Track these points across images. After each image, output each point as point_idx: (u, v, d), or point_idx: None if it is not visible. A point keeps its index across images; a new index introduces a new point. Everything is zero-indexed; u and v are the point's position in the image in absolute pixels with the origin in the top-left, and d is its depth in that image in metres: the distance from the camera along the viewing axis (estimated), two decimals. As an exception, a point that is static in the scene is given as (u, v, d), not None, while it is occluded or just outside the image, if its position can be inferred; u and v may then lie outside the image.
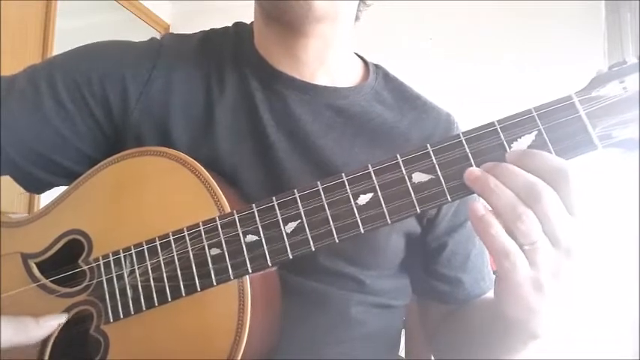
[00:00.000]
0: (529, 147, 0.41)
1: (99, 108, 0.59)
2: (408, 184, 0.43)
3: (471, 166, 0.42)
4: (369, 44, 0.93)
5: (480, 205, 0.41)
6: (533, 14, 2.40)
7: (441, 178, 0.42)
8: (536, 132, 0.41)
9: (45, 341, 0.50)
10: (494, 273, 0.70)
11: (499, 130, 0.42)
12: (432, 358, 0.90)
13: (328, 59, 0.63)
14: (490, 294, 0.66)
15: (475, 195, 0.42)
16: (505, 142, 0.41)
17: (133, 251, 0.50)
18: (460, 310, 0.66)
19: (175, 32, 0.71)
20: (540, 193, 0.39)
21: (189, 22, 2.94)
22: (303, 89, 0.61)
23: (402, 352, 0.86)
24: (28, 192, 0.67)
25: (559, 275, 0.40)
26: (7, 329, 0.46)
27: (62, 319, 0.50)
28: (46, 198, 0.59)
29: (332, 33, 0.61)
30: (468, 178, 0.42)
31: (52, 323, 0.49)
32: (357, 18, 0.66)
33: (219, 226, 0.47)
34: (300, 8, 0.54)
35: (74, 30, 2.40)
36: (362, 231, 0.44)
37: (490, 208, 0.41)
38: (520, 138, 0.41)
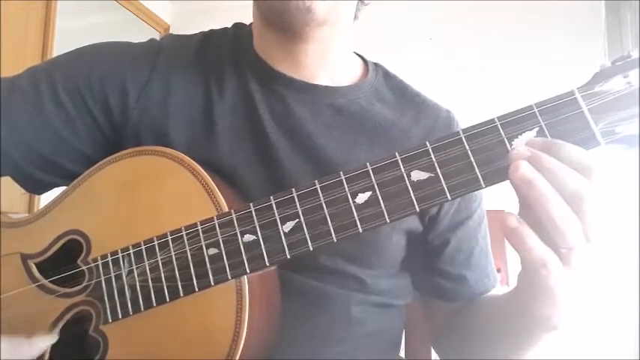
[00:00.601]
0: None
1: (99, 109, 0.60)
2: (407, 182, 0.43)
3: (471, 164, 0.41)
4: (370, 44, 0.93)
5: (513, 217, 0.39)
6: (533, 14, 2.39)
7: (441, 176, 0.42)
8: (537, 128, 0.40)
9: None
10: (498, 271, 0.69)
11: (499, 126, 0.41)
12: (433, 358, 0.90)
13: (328, 61, 0.63)
14: (495, 291, 0.66)
15: (479, 193, 0.42)
16: (506, 139, 0.41)
17: (131, 251, 0.50)
18: (467, 308, 0.66)
19: (175, 32, 0.71)
20: (584, 196, 0.38)
21: (189, 22, 2.95)
22: (303, 89, 0.61)
23: (402, 353, 0.86)
24: (28, 192, 0.67)
25: (589, 272, 0.39)
26: (3, 348, 0.46)
27: (54, 339, 0.50)
28: (47, 198, 0.59)
29: (332, 36, 0.61)
30: (517, 176, 0.39)
31: (44, 345, 0.49)
32: (355, 17, 0.65)
33: (217, 226, 0.47)
34: (299, 13, 0.54)
35: (74, 30, 2.40)
36: (360, 230, 0.43)
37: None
38: (521, 135, 0.41)
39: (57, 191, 0.58)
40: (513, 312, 0.50)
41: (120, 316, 0.49)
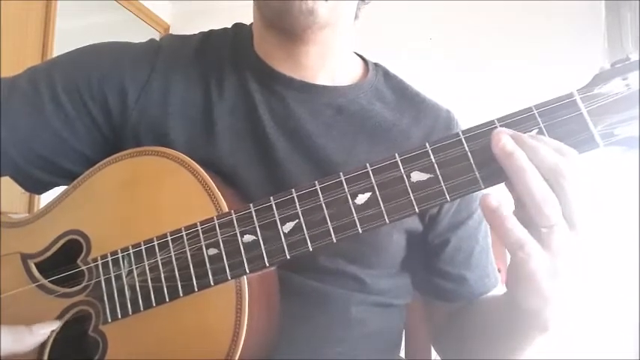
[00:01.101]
0: None
1: (98, 110, 0.60)
2: (407, 183, 0.43)
3: (471, 165, 0.42)
4: (370, 44, 0.93)
5: (492, 197, 0.40)
6: (533, 14, 2.39)
7: (440, 177, 0.42)
8: (536, 130, 0.41)
9: (43, 342, 0.49)
10: (499, 271, 0.70)
11: (499, 128, 0.41)
12: (433, 358, 0.90)
13: (329, 61, 0.63)
14: (495, 291, 0.66)
15: (480, 193, 0.42)
16: None
17: (131, 251, 0.50)
18: (466, 309, 0.66)
19: (175, 32, 0.71)
20: (562, 172, 0.38)
21: (189, 22, 2.95)
22: (303, 89, 0.61)
23: (402, 353, 0.86)
24: (28, 192, 0.67)
25: (572, 261, 0.39)
26: (3, 338, 0.46)
27: (55, 325, 0.50)
28: (47, 198, 0.59)
29: (333, 37, 0.61)
30: (499, 148, 0.40)
31: (45, 331, 0.49)
32: (356, 17, 0.65)
33: (216, 226, 0.47)
34: (301, 15, 0.53)
35: (74, 30, 2.40)
36: (360, 231, 0.43)
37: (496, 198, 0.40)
38: None
39: (57, 191, 0.58)
40: (506, 310, 0.51)
41: (119, 316, 0.49)
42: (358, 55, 0.70)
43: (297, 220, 0.45)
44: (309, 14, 0.53)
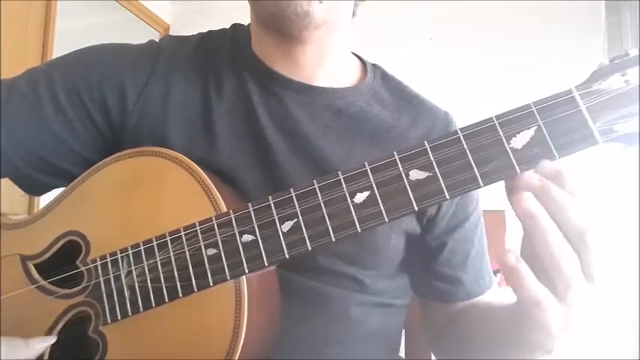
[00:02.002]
0: (528, 143, 0.40)
1: (98, 112, 0.60)
2: (405, 181, 0.42)
3: (470, 162, 0.41)
4: (369, 44, 0.93)
5: (510, 255, 0.39)
6: (533, 14, 2.39)
7: (439, 175, 0.42)
8: (535, 127, 0.40)
9: None
10: (494, 273, 0.69)
11: (497, 125, 0.41)
12: (433, 358, 0.89)
13: (327, 60, 0.62)
14: (490, 293, 0.66)
15: (476, 196, 0.41)
16: (504, 138, 0.41)
17: (129, 252, 0.50)
18: (464, 314, 0.65)
19: (175, 32, 0.71)
20: (590, 234, 0.37)
21: (189, 22, 2.95)
22: (301, 90, 0.61)
23: (402, 353, 0.86)
24: (27, 194, 0.67)
25: (586, 310, 0.40)
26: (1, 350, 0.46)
27: (52, 340, 0.50)
28: (46, 199, 0.59)
29: (330, 36, 0.60)
30: (521, 211, 0.39)
31: (41, 346, 0.49)
32: (354, 14, 0.65)
33: (215, 226, 0.47)
34: (297, 17, 0.53)
35: (74, 30, 2.40)
36: (359, 230, 0.43)
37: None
38: (519, 133, 0.40)
39: (56, 192, 0.58)
40: (507, 331, 0.50)
41: (119, 317, 0.49)
42: (356, 55, 0.70)
43: (295, 220, 0.45)
44: (305, 16, 0.53)
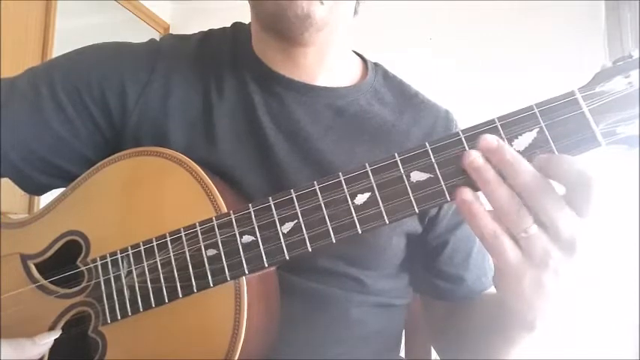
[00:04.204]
0: (530, 145, 0.40)
1: (98, 111, 0.60)
2: (406, 183, 0.42)
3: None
4: (370, 44, 0.93)
5: (467, 190, 0.40)
6: (533, 14, 2.39)
7: (440, 176, 0.42)
8: (537, 129, 0.40)
9: None
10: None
11: (499, 127, 0.41)
12: (433, 358, 0.89)
13: (327, 61, 0.62)
14: (492, 289, 0.66)
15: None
16: (506, 140, 0.41)
17: (130, 252, 0.49)
18: (464, 307, 0.66)
19: (175, 32, 0.71)
20: (535, 189, 0.38)
21: (189, 22, 2.95)
22: (302, 90, 0.61)
23: (402, 353, 0.86)
24: (27, 194, 0.67)
25: (560, 274, 0.39)
26: (5, 351, 0.46)
27: (57, 334, 0.50)
28: (46, 199, 0.59)
29: (331, 37, 0.60)
30: (466, 163, 0.40)
31: (48, 340, 0.49)
32: (355, 12, 0.65)
33: (215, 227, 0.47)
34: (297, 20, 0.53)
35: (74, 30, 2.40)
36: (359, 231, 0.43)
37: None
38: (521, 135, 0.40)
39: (57, 192, 0.58)
40: (495, 308, 0.51)
41: (119, 317, 0.49)
42: (357, 54, 0.70)
43: (296, 221, 0.45)
44: (306, 18, 0.53)
